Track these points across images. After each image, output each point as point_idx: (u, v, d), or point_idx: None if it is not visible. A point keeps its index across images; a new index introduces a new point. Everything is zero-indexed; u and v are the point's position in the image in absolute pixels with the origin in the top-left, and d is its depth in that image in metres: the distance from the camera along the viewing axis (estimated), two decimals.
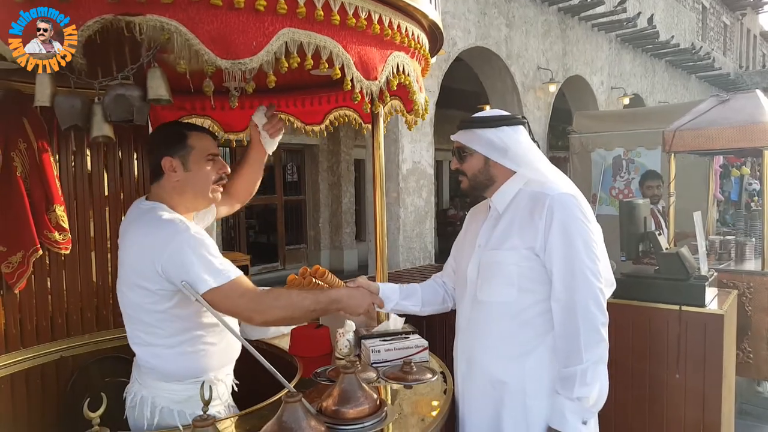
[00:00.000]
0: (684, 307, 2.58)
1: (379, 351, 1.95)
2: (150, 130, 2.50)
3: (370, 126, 2.13)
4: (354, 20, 1.22)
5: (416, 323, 2.21)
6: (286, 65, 1.12)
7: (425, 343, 2.01)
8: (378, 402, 1.53)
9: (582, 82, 11.44)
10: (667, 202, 4.29)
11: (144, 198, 1.71)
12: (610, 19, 11.54)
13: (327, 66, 1.20)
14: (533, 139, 1.76)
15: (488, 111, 1.74)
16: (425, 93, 1.78)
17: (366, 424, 1.46)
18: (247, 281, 1.60)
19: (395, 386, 1.79)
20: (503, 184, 1.71)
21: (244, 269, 6.01)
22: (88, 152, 2.34)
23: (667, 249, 2.77)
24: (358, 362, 1.88)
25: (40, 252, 2.15)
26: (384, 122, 2.11)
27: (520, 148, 1.67)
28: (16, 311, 2.12)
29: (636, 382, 2.70)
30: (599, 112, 10.30)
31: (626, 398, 2.70)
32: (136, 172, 2.51)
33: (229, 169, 1.76)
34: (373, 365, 1.92)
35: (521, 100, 9.35)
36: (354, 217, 11.11)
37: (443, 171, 14.48)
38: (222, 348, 1.71)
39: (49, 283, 2.24)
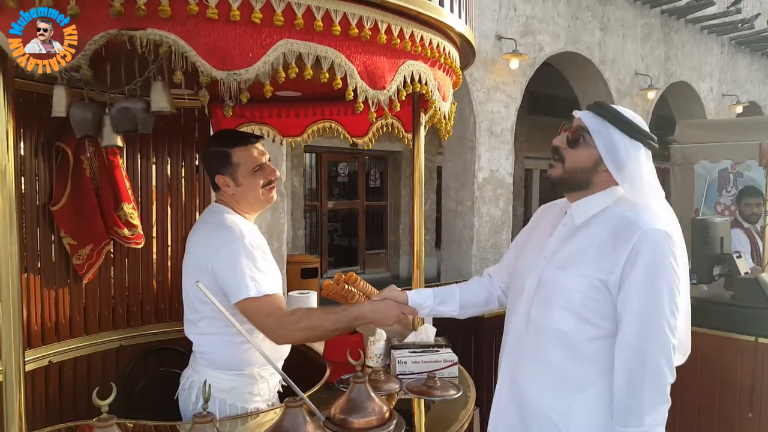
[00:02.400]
0: (761, 339, 2.32)
1: (405, 362, 1.92)
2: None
3: (410, 135, 2.11)
4: (357, 30, 1.20)
5: (450, 336, 2.15)
6: (284, 76, 1.14)
7: (455, 358, 1.95)
8: (387, 414, 1.50)
9: (687, 88, 10.57)
10: (764, 221, 3.85)
11: (215, 201, 1.89)
12: (721, 21, 10.59)
13: (327, 76, 1.20)
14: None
15: (631, 113, 1.48)
16: (450, 102, 1.72)
17: None
18: (279, 300, 1.68)
19: (416, 400, 1.75)
20: (594, 194, 1.50)
21: (314, 272, 6.17)
22: (154, 156, 2.52)
23: (746, 273, 2.49)
24: (380, 372, 1.87)
25: (111, 247, 2.36)
26: (425, 130, 2.09)
27: (636, 169, 1.44)
28: (82, 301, 2.31)
29: (703, 420, 2.45)
30: (704, 120, 9.46)
31: None
32: (200, 172, 2.64)
33: (278, 173, 1.87)
34: (399, 376, 1.89)
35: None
36: (434, 224, 11.01)
37: (533, 180, 14.00)
38: (267, 346, 1.76)
39: (112, 276, 2.43)
